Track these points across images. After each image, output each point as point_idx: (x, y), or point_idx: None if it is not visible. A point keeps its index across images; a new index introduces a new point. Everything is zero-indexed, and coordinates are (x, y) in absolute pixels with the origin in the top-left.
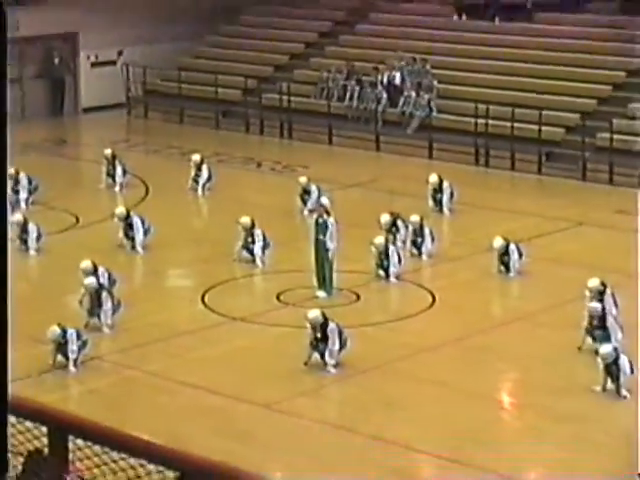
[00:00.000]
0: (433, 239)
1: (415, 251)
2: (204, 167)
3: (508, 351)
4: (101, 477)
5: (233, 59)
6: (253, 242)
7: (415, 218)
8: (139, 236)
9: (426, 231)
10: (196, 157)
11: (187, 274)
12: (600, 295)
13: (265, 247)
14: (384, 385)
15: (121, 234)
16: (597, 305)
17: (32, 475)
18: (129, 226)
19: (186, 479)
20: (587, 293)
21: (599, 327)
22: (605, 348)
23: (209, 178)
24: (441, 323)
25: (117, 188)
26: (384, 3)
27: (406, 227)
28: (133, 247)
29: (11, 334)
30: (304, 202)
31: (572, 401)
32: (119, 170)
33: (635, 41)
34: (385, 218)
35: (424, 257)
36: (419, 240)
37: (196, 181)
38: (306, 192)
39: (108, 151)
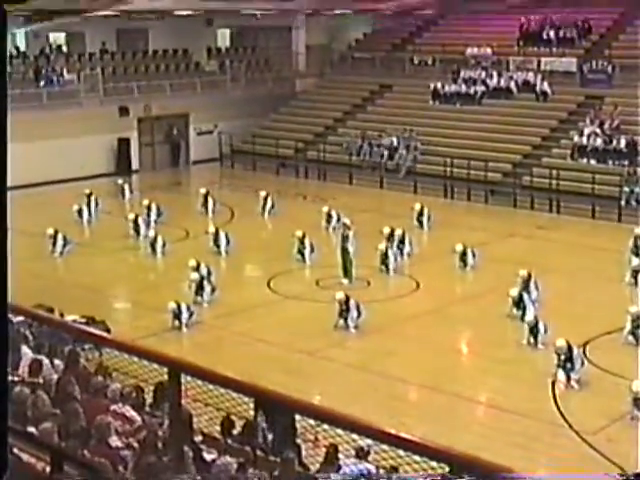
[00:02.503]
0: (412, 246)
1: (405, 252)
2: (269, 199)
3: (466, 318)
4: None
5: (287, 129)
6: (304, 247)
7: (398, 232)
8: (223, 245)
9: (406, 239)
10: (263, 193)
11: (258, 268)
12: (527, 281)
13: (312, 251)
14: (387, 340)
15: (211, 243)
16: (514, 291)
17: (160, 398)
18: (217, 238)
19: (258, 402)
20: (518, 279)
21: (519, 302)
22: (529, 317)
23: (272, 206)
24: (422, 300)
25: (210, 214)
26: (387, 93)
27: (399, 237)
28: (220, 252)
29: (142, 308)
30: (329, 222)
31: (507, 350)
32: (211, 202)
33: (544, 117)
34: (386, 231)
35: (405, 256)
36: (408, 246)
37: (264, 208)
38: (329, 216)
39: (203, 190)
